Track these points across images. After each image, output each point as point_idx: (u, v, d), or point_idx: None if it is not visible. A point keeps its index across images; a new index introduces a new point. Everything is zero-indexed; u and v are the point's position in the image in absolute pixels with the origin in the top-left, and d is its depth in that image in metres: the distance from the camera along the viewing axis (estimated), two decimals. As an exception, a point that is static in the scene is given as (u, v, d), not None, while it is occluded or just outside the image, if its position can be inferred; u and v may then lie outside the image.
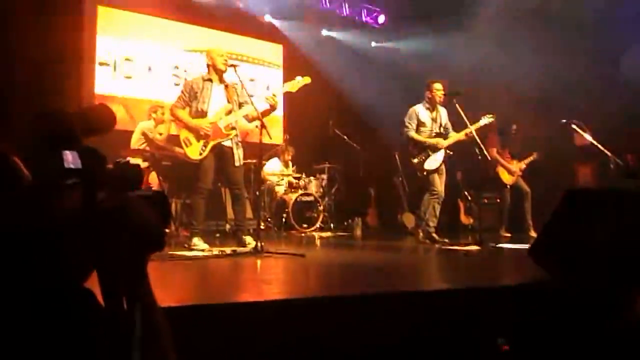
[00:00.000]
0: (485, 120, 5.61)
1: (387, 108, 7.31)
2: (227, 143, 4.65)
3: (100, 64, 7.42)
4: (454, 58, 7.69)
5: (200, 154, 4.56)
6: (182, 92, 4.72)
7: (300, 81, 4.76)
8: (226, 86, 4.75)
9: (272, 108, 4.64)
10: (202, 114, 4.62)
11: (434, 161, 5.55)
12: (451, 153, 5.69)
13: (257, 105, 4.59)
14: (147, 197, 1.11)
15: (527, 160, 6.95)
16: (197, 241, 4.51)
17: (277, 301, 2.08)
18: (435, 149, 5.55)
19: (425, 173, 5.52)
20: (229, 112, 4.66)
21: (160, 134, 6.34)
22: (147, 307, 1.05)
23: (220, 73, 4.72)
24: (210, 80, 4.71)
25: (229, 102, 4.70)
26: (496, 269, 3.91)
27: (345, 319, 2.01)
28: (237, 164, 4.69)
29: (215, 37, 8.22)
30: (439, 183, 5.54)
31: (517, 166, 6.91)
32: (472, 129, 5.43)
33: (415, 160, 5.55)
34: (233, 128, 4.67)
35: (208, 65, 4.77)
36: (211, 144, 4.58)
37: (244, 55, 8.64)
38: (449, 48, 7.91)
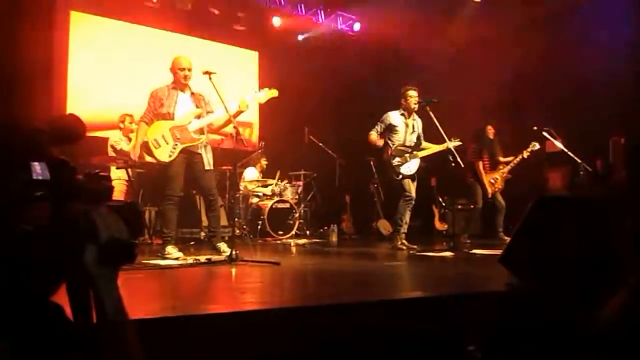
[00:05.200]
0: (454, 143, 5.67)
1: (363, 115, 7.36)
2: (197, 150, 4.61)
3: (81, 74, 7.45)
4: (428, 64, 7.78)
5: (170, 155, 4.51)
6: (149, 103, 4.66)
7: (269, 93, 4.77)
8: (192, 94, 4.72)
9: (240, 111, 4.63)
10: (170, 117, 4.57)
11: (408, 168, 5.63)
12: (423, 165, 5.79)
13: (227, 108, 4.57)
14: (117, 208, 1.10)
15: (515, 161, 6.79)
16: (171, 249, 4.47)
17: (251, 312, 2.07)
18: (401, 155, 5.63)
19: (399, 177, 5.59)
20: (199, 116, 4.63)
21: (129, 142, 6.25)
22: (117, 320, 1.04)
23: (181, 85, 4.67)
24: (175, 88, 4.67)
25: (197, 107, 4.67)
26: (469, 275, 3.95)
27: (320, 329, 2.01)
28: (207, 167, 4.67)
29: (190, 43, 8.18)
30: (412, 188, 5.62)
31: (500, 175, 6.83)
32: (449, 145, 5.58)
33: (395, 162, 5.58)
34: (202, 133, 4.64)
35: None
36: (180, 146, 4.53)
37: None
38: (424, 54, 8.00)
